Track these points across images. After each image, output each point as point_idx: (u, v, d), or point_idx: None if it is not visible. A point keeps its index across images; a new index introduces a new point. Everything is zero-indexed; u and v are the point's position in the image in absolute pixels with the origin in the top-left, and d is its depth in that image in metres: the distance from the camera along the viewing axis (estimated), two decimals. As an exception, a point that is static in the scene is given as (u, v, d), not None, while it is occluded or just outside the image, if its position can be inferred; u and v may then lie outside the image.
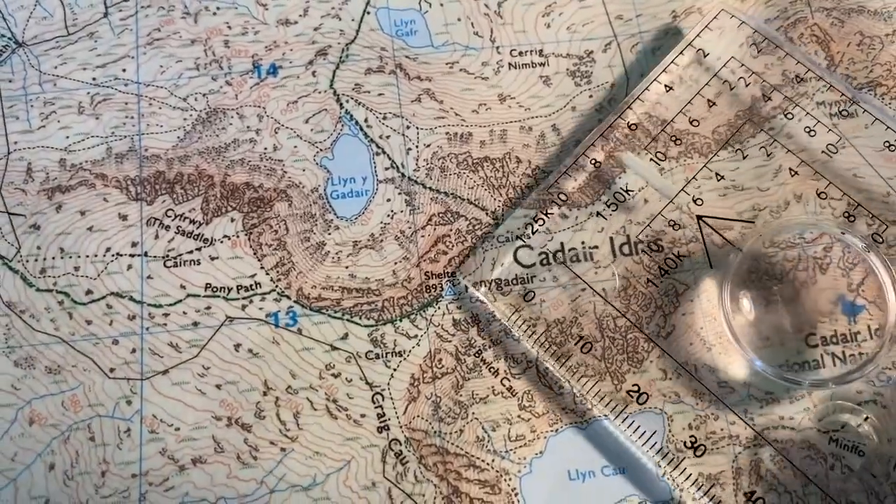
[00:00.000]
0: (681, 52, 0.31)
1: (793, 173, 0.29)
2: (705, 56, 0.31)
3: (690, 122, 0.30)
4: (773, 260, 0.28)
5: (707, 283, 0.28)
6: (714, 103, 0.30)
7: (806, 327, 0.28)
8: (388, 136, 0.31)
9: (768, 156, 0.29)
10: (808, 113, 0.29)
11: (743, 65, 0.30)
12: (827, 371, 0.27)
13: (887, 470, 0.26)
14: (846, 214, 0.28)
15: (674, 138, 0.30)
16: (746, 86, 0.30)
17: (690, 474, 0.27)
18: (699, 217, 0.29)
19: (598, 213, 0.29)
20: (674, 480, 0.27)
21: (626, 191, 0.29)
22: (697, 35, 0.31)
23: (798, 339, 0.28)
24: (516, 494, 0.27)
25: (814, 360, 0.27)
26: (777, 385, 0.27)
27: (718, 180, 0.29)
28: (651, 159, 0.30)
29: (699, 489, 0.27)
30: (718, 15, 0.31)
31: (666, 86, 0.30)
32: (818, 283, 0.28)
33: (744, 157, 0.29)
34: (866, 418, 0.26)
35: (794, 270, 0.28)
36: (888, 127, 0.29)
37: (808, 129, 0.29)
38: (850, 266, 0.28)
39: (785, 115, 0.30)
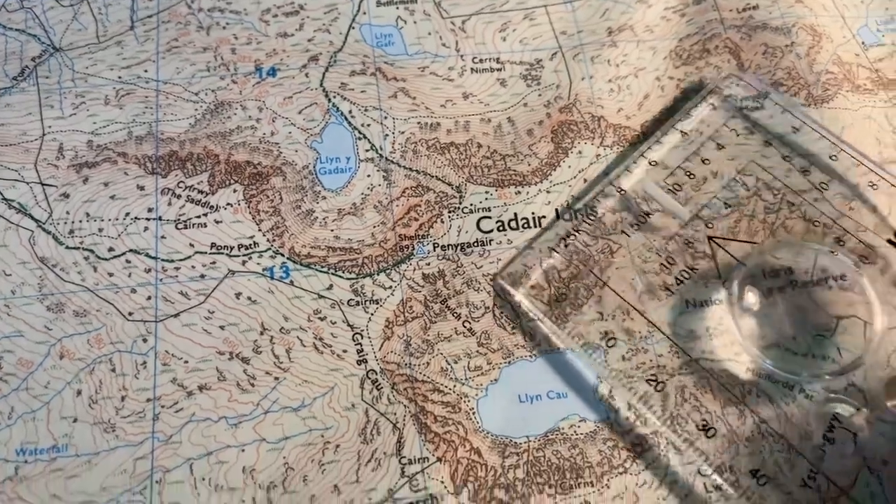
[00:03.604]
0: (696, 105, 0.36)
1: (791, 206, 0.33)
2: (715, 109, 0.36)
3: (702, 161, 0.35)
4: (773, 272, 0.33)
5: (715, 293, 0.32)
6: (723, 146, 0.35)
7: (804, 329, 0.31)
8: (368, 125, 0.36)
9: (771, 191, 0.34)
10: (793, 150, 0.34)
11: (749, 116, 0.35)
12: (821, 367, 0.31)
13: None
14: (837, 239, 0.33)
15: (688, 173, 0.35)
16: (752, 134, 0.35)
17: (623, 397, 0.31)
18: (710, 238, 0.33)
19: (623, 232, 0.34)
20: (608, 402, 0.32)
21: (647, 214, 0.34)
22: (710, 91, 0.36)
23: (797, 339, 0.31)
24: (474, 413, 0.31)
25: (811, 357, 0.31)
26: (779, 376, 0.30)
27: (727, 207, 0.34)
28: (668, 190, 0.34)
29: (630, 409, 0.31)
30: (728, 76, 0.36)
31: (682, 132, 0.35)
32: (813, 292, 0.32)
33: (747, 190, 0.34)
34: (859, 409, 0.30)
35: (790, 281, 0.32)
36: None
37: (786, 157, 0.34)
38: (842, 280, 0.32)
39: (784, 159, 0.34)
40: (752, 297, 0.32)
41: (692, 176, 0.34)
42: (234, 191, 0.34)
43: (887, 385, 0.29)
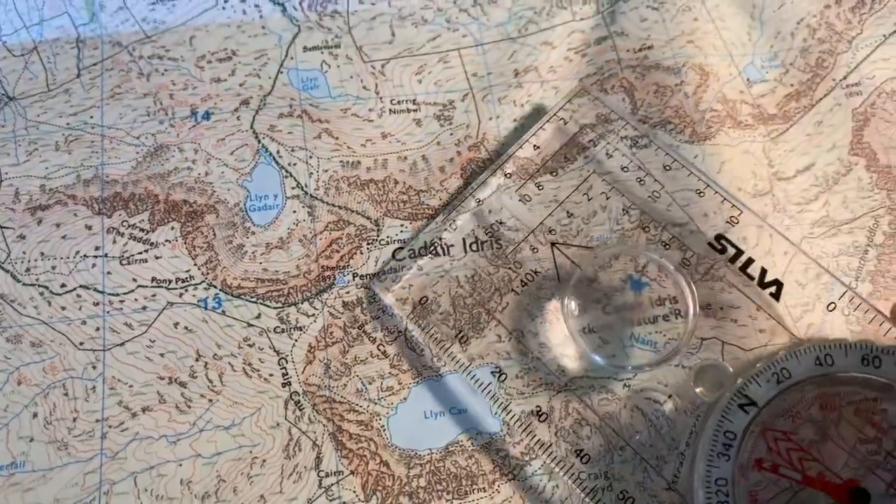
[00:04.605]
0: (548, 121, 0.39)
1: (624, 211, 0.38)
2: (565, 124, 0.39)
3: (551, 173, 0.39)
4: (604, 275, 0.37)
5: (555, 293, 0.37)
6: (569, 159, 0.39)
7: (628, 325, 0.36)
8: (294, 164, 0.40)
9: (607, 198, 0.38)
10: (632, 160, 0.38)
11: (594, 131, 0.39)
12: (644, 358, 0.35)
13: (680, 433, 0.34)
14: (663, 244, 0.37)
15: (538, 185, 0.39)
16: (595, 146, 0.39)
17: (515, 412, 0.36)
18: (552, 244, 0.38)
19: (477, 239, 0.38)
20: (503, 417, 0.36)
21: (500, 223, 0.38)
22: (561, 107, 0.39)
23: (622, 334, 0.36)
24: (384, 430, 0.36)
25: (634, 350, 0.35)
26: (607, 369, 0.35)
27: (569, 216, 0.38)
28: (520, 200, 0.38)
29: (521, 422, 0.36)
30: (578, 92, 0.40)
31: (535, 146, 0.39)
32: (639, 291, 0.36)
33: (588, 199, 0.38)
34: (670, 396, 0.35)
35: (619, 283, 0.37)
36: (668, 154, 0.38)
37: (623, 168, 0.38)
38: (663, 281, 0.36)
39: (622, 170, 0.38)
40: (576, 301, 0.36)
41: (541, 187, 0.38)
42: (172, 228, 0.38)
43: (697, 373, 0.34)
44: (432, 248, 0.37)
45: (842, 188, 0.40)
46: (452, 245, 0.38)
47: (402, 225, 0.39)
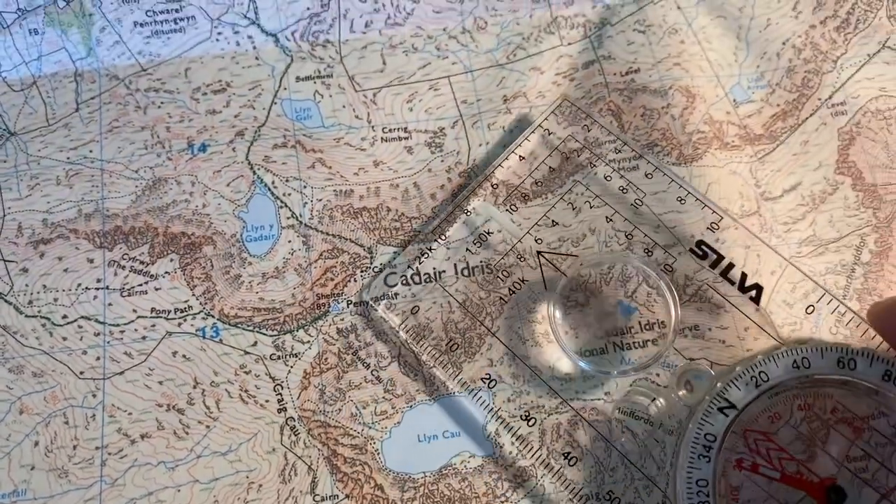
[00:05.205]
0: (532, 131, 0.40)
1: (608, 220, 0.39)
2: (549, 134, 0.41)
3: (536, 183, 0.40)
4: (590, 282, 0.38)
5: (541, 301, 0.38)
6: (553, 169, 0.40)
7: (613, 331, 0.37)
8: (289, 194, 0.41)
9: (591, 207, 0.39)
10: (615, 170, 0.39)
11: (576, 140, 0.40)
12: (628, 363, 0.37)
13: (664, 437, 0.35)
14: (645, 250, 0.38)
15: (523, 195, 0.40)
16: (578, 156, 0.40)
17: (509, 434, 0.36)
18: (538, 252, 0.39)
19: (468, 249, 0.39)
20: (494, 440, 0.36)
21: (488, 233, 0.39)
22: (545, 118, 0.41)
23: (607, 340, 0.37)
24: (379, 454, 0.36)
25: (619, 356, 0.37)
26: (594, 375, 0.36)
27: (553, 225, 0.39)
28: (506, 210, 0.40)
29: (514, 445, 0.36)
30: (562, 104, 0.41)
31: (520, 156, 0.40)
32: (622, 297, 0.37)
33: (573, 209, 0.39)
34: (654, 399, 0.36)
35: (604, 290, 0.38)
36: (672, 180, 0.39)
37: (607, 177, 0.39)
38: (647, 286, 0.37)
39: (605, 179, 0.39)
40: (562, 309, 0.37)
41: (527, 197, 0.39)
42: (171, 260, 0.39)
43: (679, 376, 0.35)
44: (420, 267, 0.39)
45: (828, 207, 0.40)
46: (444, 270, 0.38)
47: (394, 252, 0.40)
